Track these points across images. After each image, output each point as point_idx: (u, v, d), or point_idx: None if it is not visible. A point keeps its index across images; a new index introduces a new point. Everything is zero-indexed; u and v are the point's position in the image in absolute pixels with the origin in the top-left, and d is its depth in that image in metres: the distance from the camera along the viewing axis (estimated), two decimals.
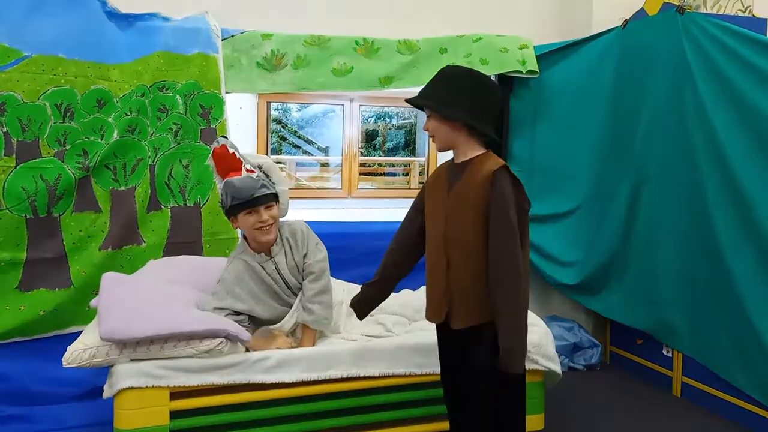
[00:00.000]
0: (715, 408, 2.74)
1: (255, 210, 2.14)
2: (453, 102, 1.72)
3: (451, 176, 1.82)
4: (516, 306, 1.66)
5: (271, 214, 2.17)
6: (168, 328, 1.89)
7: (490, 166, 1.72)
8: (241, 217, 2.15)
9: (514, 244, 1.66)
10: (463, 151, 1.79)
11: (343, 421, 2.08)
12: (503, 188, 1.68)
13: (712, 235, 2.57)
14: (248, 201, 2.11)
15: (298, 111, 4.48)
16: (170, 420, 1.91)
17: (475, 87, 1.74)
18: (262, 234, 2.17)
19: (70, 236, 2.66)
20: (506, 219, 1.66)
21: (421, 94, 1.80)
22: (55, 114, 2.65)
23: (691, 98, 2.67)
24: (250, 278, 2.18)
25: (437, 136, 1.79)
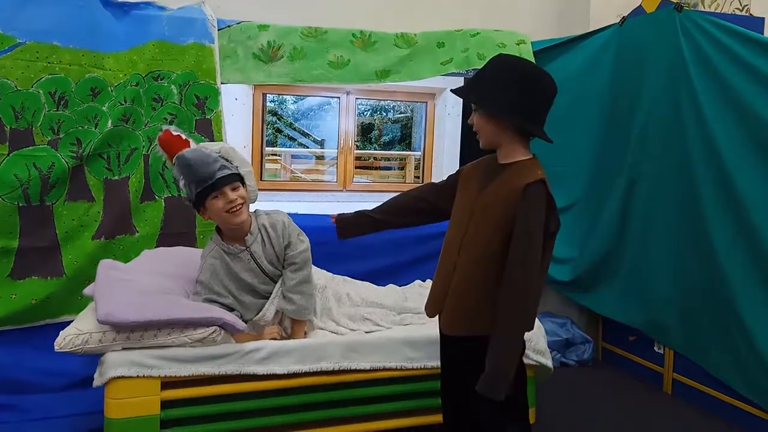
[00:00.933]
0: (706, 405, 2.76)
1: (221, 192, 2.06)
2: (500, 97, 1.58)
3: (488, 175, 1.70)
4: (515, 332, 1.57)
5: (239, 194, 2.11)
6: (166, 314, 1.88)
7: (527, 177, 1.58)
8: (209, 203, 2.08)
9: (532, 268, 1.55)
10: (507, 151, 1.66)
11: (334, 413, 2.08)
12: (534, 206, 1.55)
13: (705, 234, 2.57)
14: (211, 183, 2.05)
15: (294, 103, 4.45)
16: (161, 410, 1.90)
17: (527, 82, 1.58)
18: (233, 216, 2.10)
19: (63, 225, 2.64)
20: (530, 241, 1.55)
21: (469, 84, 1.67)
22: (48, 102, 2.62)
23: (687, 96, 2.67)
24: (225, 274, 2.13)
25: (482, 132, 1.67)
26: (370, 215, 1.98)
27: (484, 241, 1.63)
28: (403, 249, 3.17)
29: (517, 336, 1.59)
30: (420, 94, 3.95)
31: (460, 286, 1.69)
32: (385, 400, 2.14)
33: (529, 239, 1.55)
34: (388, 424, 2.15)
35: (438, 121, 3.99)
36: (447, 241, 1.78)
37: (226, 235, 2.18)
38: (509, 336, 1.57)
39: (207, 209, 2.11)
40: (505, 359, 1.56)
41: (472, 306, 1.66)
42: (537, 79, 1.61)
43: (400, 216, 1.98)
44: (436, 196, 1.91)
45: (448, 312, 1.72)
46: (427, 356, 2.13)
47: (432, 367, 2.13)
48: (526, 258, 1.55)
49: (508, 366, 1.56)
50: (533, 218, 1.56)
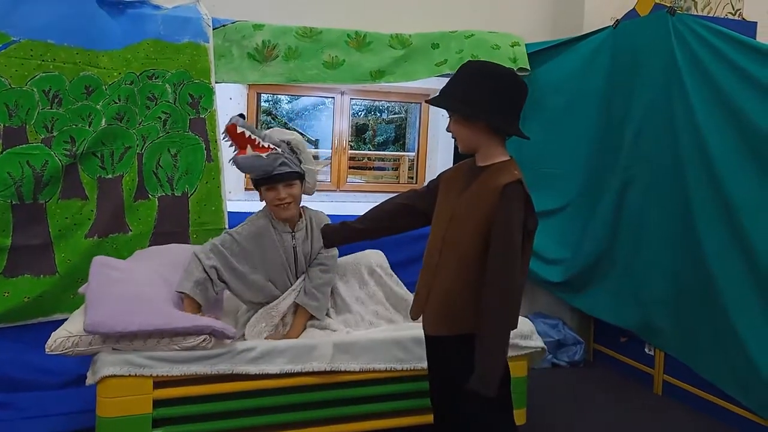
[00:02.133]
0: (696, 406, 2.78)
1: (273, 187, 2.24)
2: (474, 101, 1.62)
3: (467, 178, 1.73)
4: (501, 330, 1.60)
5: (289, 192, 2.27)
6: (152, 324, 1.88)
7: (504, 178, 1.62)
8: (263, 191, 2.29)
9: (512, 267, 1.59)
10: (484, 154, 1.70)
11: (326, 413, 2.09)
12: (511, 205, 1.59)
13: (696, 237, 2.58)
14: (265, 177, 2.22)
15: (288, 103, 4.46)
16: (153, 409, 1.91)
17: (499, 84, 1.64)
18: (280, 210, 2.27)
19: (56, 223, 2.63)
20: (509, 239, 1.58)
21: (441, 92, 1.71)
22: (42, 100, 2.62)
23: (679, 100, 2.68)
24: (266, 242, 2.26)
25: (459, 137, 1.71)
26: (355, 226, 2.00)
27: (464, 242, 1.67)
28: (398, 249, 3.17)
29: (503, 333, 1.61)
30: (414, 95, 3.96)
31: (442, 286, 1.71)
32: (377, 400, 2.15)
33: (508, 238, 1.59)
34: (380, 424, 2.17)
35: (432, 122, 4.01)
36: (429, 244, 1.81)
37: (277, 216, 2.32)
38: (495, 334, 1.59)
39: (262, 194, 2.31)
40: (492, 357, 1.58)
41: (454, 305, 1.68)
42: (506, 78, 1.66)
43: (385, 223, 2.00)
44: (419, 201, 1.93)
45: (430, 313, 1.75)
46: (417, 357, 2.15)
47: (421, 368, 2.13)
48: (505, 256, 1.59)
49: (496, 363, 1.59)
50: (511, 217, 1.60)
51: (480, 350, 1.59)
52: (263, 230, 2.29)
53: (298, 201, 2.32)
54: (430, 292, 1.74)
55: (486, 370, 1.57)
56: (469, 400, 1.63)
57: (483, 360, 1.58)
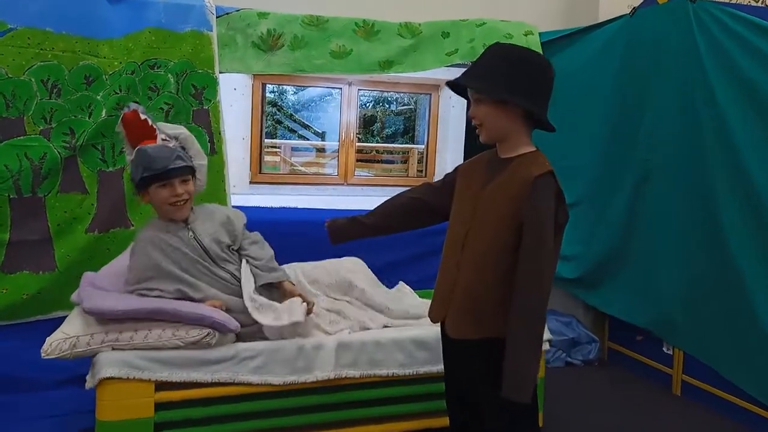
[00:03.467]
0: (717, 407, 2.69)
1: (169, 183, 2.03)
2: (510, 85, 1.50)
3: (490, 170, 1.62)
4: (535, 332, 1.50)
5: (186, 189, 2.06)
6: (152, 305, 1.83)
7: (535, 169, 1.51)
8: (153, 190, 2.03)
9: (546, 265, 1.49)
10: (512, 144, 1.59)
11: (331, 416, 2.02)
12: (544, 200, 1.49)
13: (719, 232, 2.50)
14: (162, 173, 2.00)
15: (294, 94, 4.39)
16: (155, 412, 1.84)
17: (528, 66, 1.53)
18: (175, 210, 2.05)
19: (56, 218, 2.56)
20: (541, 236, 1.48)
21: (469, 74, 1.57)
22: (41, 90, 2.54)
23: (701, 89, 2.59)
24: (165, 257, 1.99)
25: (487, 124, 1.57)
26: (364, 221, 1.90)
27: (490, 237, 1.57)
28: (405, 245, 3.10)
29: (537, 335, 1.52)
30: (424, 86, 3.89)
31: (465, 286, 1.61)
32: (383, 403, 2.08)
33: (541, 233, 1.49)
34: (387, 428, 2.09)
35: (442, 113, 3.93)
36: (449, 241, 1.70)
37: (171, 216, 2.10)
38: (529, 332, 1.50)
39: (149, 194, 2.06)
40: (528, 358, 1.49)
41: (481, 307, 1.59)
42: (538, 62, 1.56)
43: (396, 219, 1.90)
44: (434, 196, 1.83)
45: (454, 315, 1.65)
46: (423, 360, 2.08)
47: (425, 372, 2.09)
48: (539, 251, 1.49)
49: (532, 365, 1.49)
50: (544, 211, 1.50)
51: (512, 354, 1.49)
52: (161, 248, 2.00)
53: (192, 198, 2.13)
54: (451, 293, 1.64)
55: (520, 375, 1.48)
56: (493, 407, 1.55)
57: (516, 364, 1.48)
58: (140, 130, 2.03)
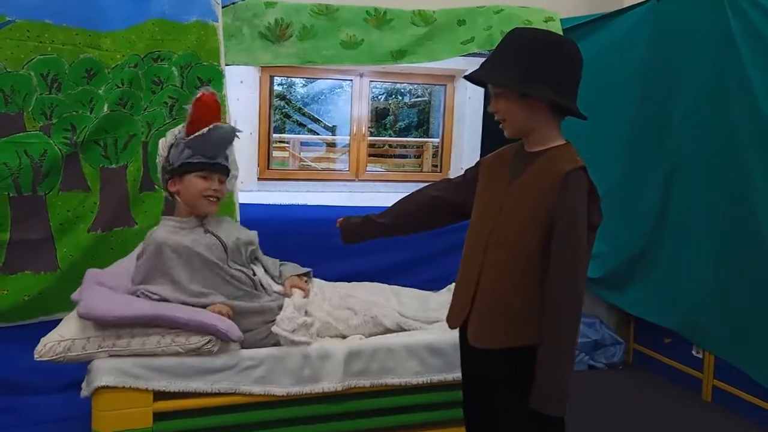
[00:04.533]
0: (750, 415, 2.56)
1: (210, 176, 1.97)
2: (528, 73, 1.39)
3: (516, 166, 1.50)
4: (569, 340, 1.39)
5: (222, 188, 2.02)
6: (151, 311, 1.73)
7: (565, 164, 1.40)
8: (190, 178, 1.95)
9: (580, 267, 1.39)
10: (538, 138, 1.47)
11: (337, 426, 1.92)
12: (576, 197, 1.38)
13: (756, 229, 2.37)
14: (210, 163, 1.95)
15: (304, 86, 4.31)
16: (153, 422, 1.75)
17: (558, 54, 1.41)
18: (209, 204, 1.98)
19: (57, 216, 2.49)
20: (575, 236, 1.37)
21: (487, 66, 1.46)
22: (41, 85, 2.46)
23: (735, 76, 2.46)
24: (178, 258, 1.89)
25: (510, 119, 1.46)
26: (380, 221, 1.79)
27: (516, 239, 1.45)
28: (423, 242, 2.99)
29: (570, 344, 1.41)
30: (439, 77, 3.80)
31: (489, 291, 1.50)
32: (395, 412, 1.98)
33: (574, 234, 1.38)
34: None
35: (458, 105, 3.84)
36: (470, 242, 1.59)
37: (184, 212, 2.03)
38: (565, 339, 1.39)
39: (183, 182, 1.97)
40: (563, 367, 1.38)
41: (506, 314, 1.47)
42: (561, 47, 1.44)
43: (414, 219, 1.79)
44: (455, 193, 1.71)
45: (477, 322, 1.53)
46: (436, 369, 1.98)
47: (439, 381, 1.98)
48: (572, 254, 1.38)
49: (567, 374, 1.38)
50: (577, 208, 1.38)
51: (548, 366, 1.38)
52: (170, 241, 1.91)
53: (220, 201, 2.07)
54: (473, 299, 1.53)
55: (557, 388, 1.37)
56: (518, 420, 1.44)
57: (552, 377, 1.37)
58: (211, 114, 1.94)
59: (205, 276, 1.89)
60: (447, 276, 2.93)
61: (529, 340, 1.42)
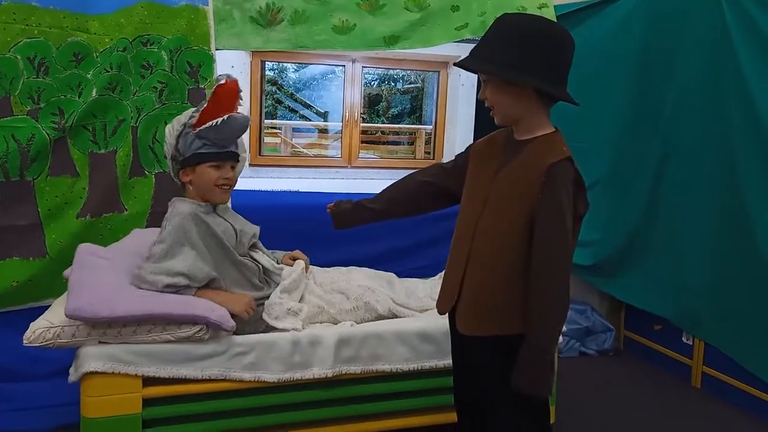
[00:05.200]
0: (739, 402, 2.58)
1: (223, 165, 1.96)
2: (515, 61, 1.39)
3: (504, 153, 1.51)
4: (552, 329, 1.41)
5: (233, 175, 2.01)
6: (141, 309, 1.69)
7: (551, 155, 1.41)
8: (203, 168, 1.94)
9: (564, 254, 1.40)
10: (527, 125, 1.48)
11: (329, 412, 1.91)
12: (562, 186, 1.39)
13: (746, 217, 2.37)
14: (224, 152, 1.94)
15: (295, 72, 4.26)
16: (143, 408, 1.74)
17: (546, 41, 1.40)
18: (222, 192, 1.98)
19: (46, 202, 2.46)
20: (559, 224, 1.38)
21: (475, 53, 1.46)
22: (27, 68, 2.42)
23: (729, 66, 2.45)
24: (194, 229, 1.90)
25: (498, 106, 1.47)
26: (370, 206, 1.79)
27: (502, 230, 1.46)
28: (415, 229, 2.98)
29: (553, 332, 1.42)
30: (432, 63, 3.77)
31: (476, 280, 1.50)
32: (385, 398, 1.97)
33: (557, 224, 1.38)
34: (391, 424, 1.99)
35: (451, 92, 3.81)
36: (459, 229, 1.59)
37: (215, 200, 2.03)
38: (545, 333, 1.40)
39: (195, 172, 1.95)
40: (542, 359, 1.39)
41: (492, 302, 1.48)
42: (552, 33, 1.43)
43: (406, 205, 1.79)
44: (446, 179, 1.71)
45: (464, 309, 1.54)
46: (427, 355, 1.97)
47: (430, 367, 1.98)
48: (556, 243, 1.39)
49: (546, 365, 1.39)
50: (560, 201, 1.39)
51: (528, 351, 1.40)
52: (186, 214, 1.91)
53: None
54: (461, 286, 1.53)
55: (536, 373, 1.39)
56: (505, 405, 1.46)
57: (533, 362, 1.39)
58: (230, 103, 1.92)
59: (216, 258, 1.91)
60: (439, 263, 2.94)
61: (516, 328, 1.43)
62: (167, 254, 1.83)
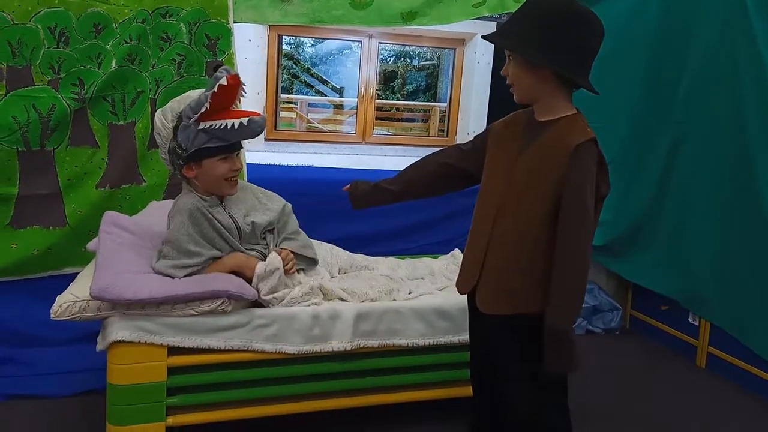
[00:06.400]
0: (743, 382, 2.61)
1: (230, 156, 1.87)
2: (539, 41, 1.39)
3: (526, 135, 1.50)
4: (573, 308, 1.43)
5: (240, 161, 1.94)
6: (163, 291, 1.72)
7: (576, 136, 1.40)
8: (210, 163, 1.83)
9: (587, 236, 1.41)
10: (546, 106, 1.47)
11: (349, 384, 1.96)
12: (587, 168, 1.39)
13: (757, 200, 2.36)
14: (233, 144, 1.85)
15: (312, 46, 4.21)
16: (168, 376, 1.78)
17: (570, 23, 1.39)
18: (231, 185, 1.90)
19: (65, 172, 2.48)
20: (583, 206, 1.38)
21: (501, 29, 1.48)
22: (48, 38, 2.42)
23: (745, 48, 2.41)
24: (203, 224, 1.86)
25: (518, 85, 1.47)
26: (389, 187, 1.79)
27: (525, 212, 1.47)
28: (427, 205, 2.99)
29: (575, 311, 1.44)
30: (448, 40, 3.72)
31: (498, 262, 1.52)
32: (401, 371, 2.01)
33: (582, 206, 1.39)
34: (407, 396, 2.04)
35: (467, 70, 3.77)
36: (479, 211, 1.60)
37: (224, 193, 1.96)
38: (568, 312, 1.42)
39: (202, 167, 1.86)
40: (568, 333, 1.41)
41: (515, 283, 1.50)
42: (582, 19, 1.41)
43: (424, 185, 1.79)
44: (464, 159, 1.71)
45: (485, 290, 1.56)
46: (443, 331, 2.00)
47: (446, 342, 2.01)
48: (581, 225, 1.40)
49: (570, 342, 1.42)
50: (585, 182, 1.39)
51: (553, 335, 1.41)
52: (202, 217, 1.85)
53: None
54: (482, 267, 1.55)
55: (565, 353, 1.41)
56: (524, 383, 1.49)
57: (560, 344, 1.41)
58: (231, 99, 1.84)
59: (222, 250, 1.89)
60: (449, 240, 2.96)
61: (535, 307, 1.45)
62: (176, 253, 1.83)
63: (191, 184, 1.93)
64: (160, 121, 1.88)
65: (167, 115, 1.87)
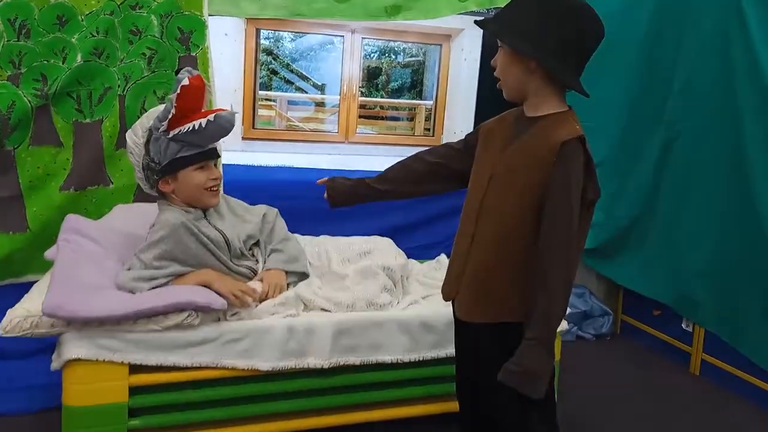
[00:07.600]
0: (738, 390, 2.55)
1: (208, 165, 1.79)
2: (528, 30, 1.32)
3: (514, 130, 1.44)
4: (552, 321, 1.33)
5: (220, 174, 1.86)
6: (123, 308, 1.59)
7: (563, 132, 1.32)
8: (186, 173, 1.76)
9: (571, 241, 1.32)
10: (534, 102, 1.40)
11: (327, 401, 1.85)
12: (571, 167, 1.31)
13: (751, 203, 2.31)
14: (208, 151, 1.77)
15: (292, 41, 4.13)
16: (129, 396, 1.66)
17: (565, 17, 1.31)
18: (212, 195, 1.82)
19: (27, 173, 2.36)
20: (566, 206, 1.30)
21: (494, 15, 1.45)
22: (8, 31, 2.30)
23: (740, 45, 2.37)
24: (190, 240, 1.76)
25: (505, 77, 1.40)
26: (373, 185, 1.69)
27: (506, 209, 1.39)
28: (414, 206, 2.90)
29: (553, 324, 1.34)
30: (434, 36, 3.65)
31: (478, 263, 1.44)
32: (384, 387, 1.92)
33: (565, 207, 1.31)
34: (391, 413, 1.94)
35: (453, 66, 3.69)
36: (465, 210, 1.53)
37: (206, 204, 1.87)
38: (545, 326, 1.32)
39: (177, 179, 1.77)
40: (541, 352, 1.32)
41: (492, 287, 1.42)
42: (579, 15, 1.34)
43: (412, 184, 1.70)
44: (454, 160, 1.64)
45: (465, 295, 1.48)
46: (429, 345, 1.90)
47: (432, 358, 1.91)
48: (563, 226, 1.31)
49: (545, 359, 1.32)
50: (569, 181, 1.31)
51: (527, 344, 1.32)
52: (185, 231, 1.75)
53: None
54: (464, 269, 1.47)
55: (534, 366, 1.31)
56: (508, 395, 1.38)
57: (530, 355, 1.32)
58: (197, 102, 1.75)
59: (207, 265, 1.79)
60: (438, 242, 2.87)
61: (515, 316, 1.38)
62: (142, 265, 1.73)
63: (170, 199, 1.83)
64: (131, 138, 1.82)
65: (137, 132, 1.80)
